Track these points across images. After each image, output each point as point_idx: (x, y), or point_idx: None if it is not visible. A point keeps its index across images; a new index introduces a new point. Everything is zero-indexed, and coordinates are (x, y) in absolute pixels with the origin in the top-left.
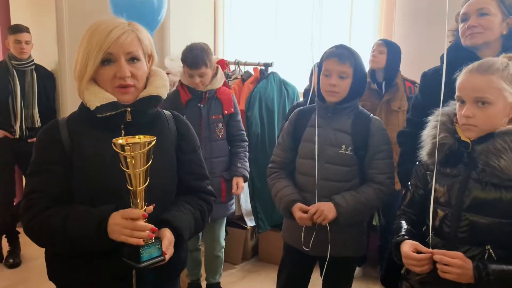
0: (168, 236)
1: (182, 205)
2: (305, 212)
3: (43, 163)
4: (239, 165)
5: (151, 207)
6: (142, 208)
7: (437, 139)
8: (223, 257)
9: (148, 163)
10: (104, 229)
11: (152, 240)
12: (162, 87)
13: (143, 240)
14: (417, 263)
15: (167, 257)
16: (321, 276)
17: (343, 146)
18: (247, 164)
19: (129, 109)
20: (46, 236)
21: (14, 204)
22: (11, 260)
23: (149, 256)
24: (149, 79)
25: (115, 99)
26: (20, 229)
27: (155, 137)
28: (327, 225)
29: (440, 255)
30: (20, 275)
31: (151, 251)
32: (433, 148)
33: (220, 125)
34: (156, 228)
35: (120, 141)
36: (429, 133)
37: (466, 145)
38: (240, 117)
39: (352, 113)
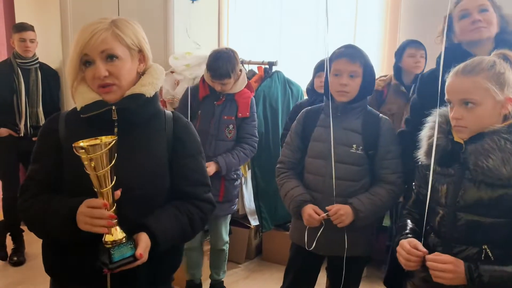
0: (144, 239)
1: (167, 210)
2: (318, 214)
3: (39, 152)
4: (223, 154)
5: (118, 192)
6: (111, 209)
7: (426, 140)
8: (227, 251)
9: (110, 163)
10: (72, 219)
11: (124, 240)
12: (149, 85)
13: (115, 241)
14: (406, 256)
15: (141, 261)
16: (327, 276)
17: (354, 145)
18: (234, 160)
19: (114, 107)
20: (31, 222)
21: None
22: (15, 258)
23: (121, 256)
24: (143, 76)
25: (100, 98)
26: (24, 227)
27: (116, 137)
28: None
29: (431, 260)
30: (25, 273)
31: (123, 251)
32: (429, 149)
33: (231, 126)
34: (115, 215)
35: (81, 143)
36: (425, 134)
37: (459, 146)
38: (255, 122)
39: (361, 113)
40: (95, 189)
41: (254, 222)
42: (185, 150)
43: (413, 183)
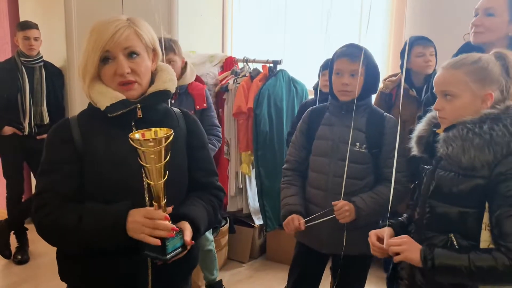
0: (188, 228)
1: (195, 200)
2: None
3: (54, 162)
4: None
5: (170, 208)
6: (162, 202)
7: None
8: (215, 251)
9: (168, 156)
10: (122, 226)
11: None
12: (169, 82)
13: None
14: (372, 247)
15: (188, 248)
16: (332, 275)
17: (357, 144)
18: None
19: (139, 105)
20: (59, 235)
21: (23, 200)
22: (19, 257)
23: (174, 247)
24: (156, 75)
25: (124, 97)
26: (28, 226)
27: (172, 130)
28: (336, 221)
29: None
30: (29, 272)
31: (175, 242)
32: (416, 140)
33: None
34: (177, 228)
35: (137, 135)
36: (417, 127)
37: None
38: (213, 113)
39: (366, 111)
40: (149, 182)
41: (258, 221)
42: (199, 143)
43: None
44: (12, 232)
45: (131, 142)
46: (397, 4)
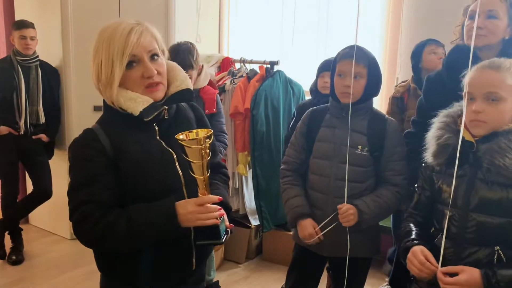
0: (224, 212)
1: (216, 184)
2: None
3: (91, 175)
4: None
5: (216, 197)
6: (208, 193)
7: (435, 141)
8: (213, 252)
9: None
10: (176, 220)
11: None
12: (186, 79)
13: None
14: (419, 267)
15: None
16: (329, 275)
17: (359, 147)
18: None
19: (166, 107)
20: (113, 241)
21: (18, 200)
22: (14, 257)
23: (223, 231)
24: (169, 74)
25: (152, 100)
26: (23, 226)
27: (212, 130)
28: (338, 224)
29: (444, 273)
30: (23, 272)
31: (223, 226)
32: (438, 150)
33: None
34: (221, 207)
35: (181, 136)
36: (434, 135)
37: (470, 145)
38: (223, 119)
39: (367, 114)
40: (196, 177)
41: (254, 221)
42: (207, 128)
43: (416, 185)
44: (7, 232)
45: (180, 142)
46: (393, 4)
